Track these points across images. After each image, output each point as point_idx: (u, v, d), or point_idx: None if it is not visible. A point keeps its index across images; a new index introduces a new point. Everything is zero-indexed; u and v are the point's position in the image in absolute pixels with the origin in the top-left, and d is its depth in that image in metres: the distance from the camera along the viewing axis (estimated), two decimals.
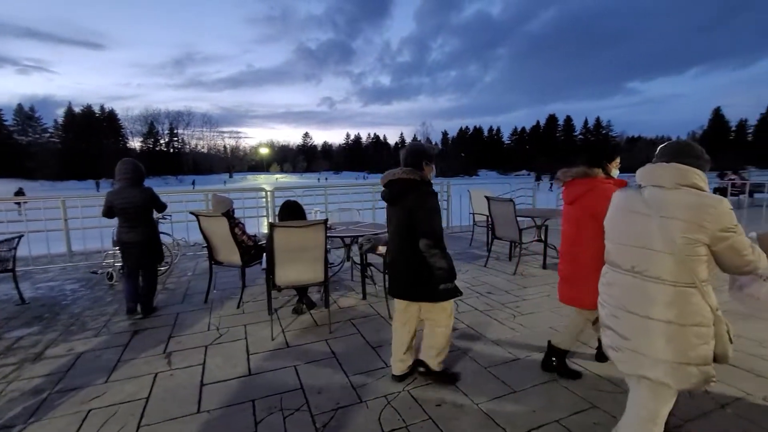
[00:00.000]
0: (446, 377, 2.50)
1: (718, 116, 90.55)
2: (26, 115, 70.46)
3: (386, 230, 3.61)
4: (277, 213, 3.80)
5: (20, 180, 53.86)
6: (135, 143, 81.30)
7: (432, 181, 2.43)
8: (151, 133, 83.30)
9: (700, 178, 1.48)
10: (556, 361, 2.57)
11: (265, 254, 3.36)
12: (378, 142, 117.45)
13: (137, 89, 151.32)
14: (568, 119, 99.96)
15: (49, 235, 5.95)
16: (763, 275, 1.75)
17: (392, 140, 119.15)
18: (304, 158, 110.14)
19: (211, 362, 2.78)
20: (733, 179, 11.79)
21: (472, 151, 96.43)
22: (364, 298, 4.02)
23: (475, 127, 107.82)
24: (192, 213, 3.97)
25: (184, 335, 3.23)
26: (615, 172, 2.45)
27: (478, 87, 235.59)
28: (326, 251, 3.27)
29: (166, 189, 10.51)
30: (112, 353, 2.93)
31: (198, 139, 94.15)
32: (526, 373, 2.59)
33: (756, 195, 11.24)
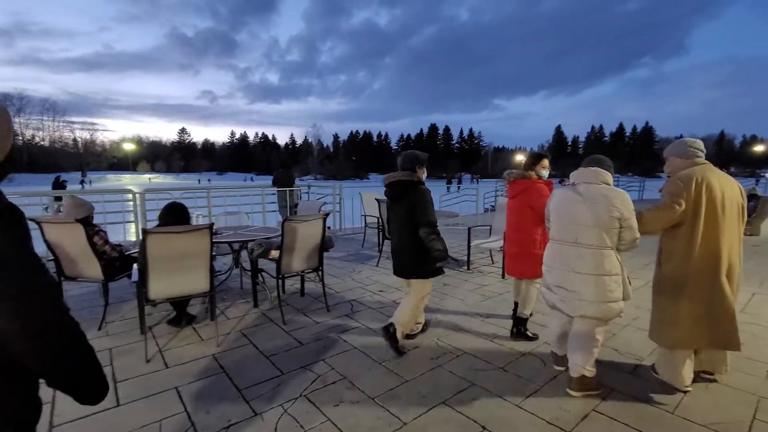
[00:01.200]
0: (395, 343, 2.88)
1: (559, 132, 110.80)
2: None
3: (279, 234, 3.50)
4: (157, 217, 3.34)
5: None
6: None
7: (424, 180, 2.95)
8: None
9: (610, 178, 2.35)
10: (522, 329, 3.19)
11: (135, 265, 2.95)
12: (267, 142, 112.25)
13: None
14: (447, 129, 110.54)
15: None
16: None
17: (282, 140, 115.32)
18: (180, 157, 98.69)
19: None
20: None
21: (362, 155, 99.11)
22: (256, 306, 3.82)
23: (365, 131, 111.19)
24: (33, 220, 3.24)
25: None
26: (544, 173, 3.11)
27: (368, 93, 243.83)
28: (212, 258, 3.02)
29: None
30: None
31: (36, 130, 76.92)
32: (415, 363, 2.78)
33: None
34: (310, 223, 3.46)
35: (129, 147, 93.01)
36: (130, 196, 6.58)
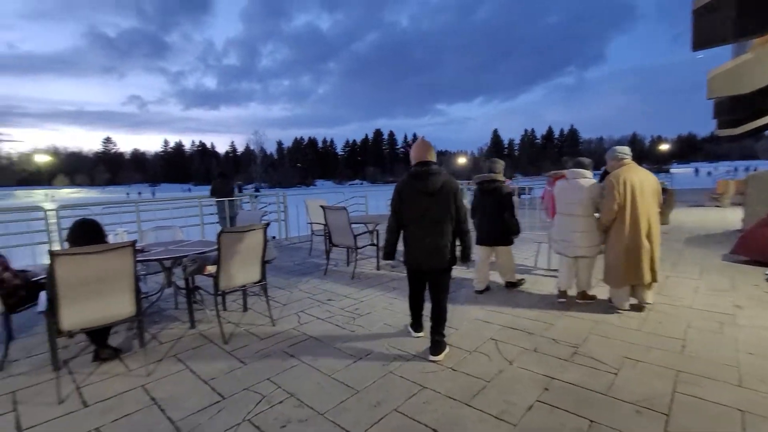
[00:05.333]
0: (518, 282, 4.60)
1: (496, 136, 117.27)
2: None
3: (215, 248, 3.26)
4: (66, 238, 2.96)
5: None
6: None
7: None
8: None
9: (590, 173, 3.88)
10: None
11: (43, 292, 2.59)
12: (205, 151, 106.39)
13: None
14: (392, 134, 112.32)
15: None
16: None
17: (222, 149, 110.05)
18: (106, 168, 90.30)
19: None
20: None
21: (307, 162, 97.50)
22: (193, 326, 3.54)
23: (310, 138, 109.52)
24: None
25: None
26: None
27: (312, 99, 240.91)
28: (137, 279, 2.74)
29: None
30: None
31: None
32: (366, 371, 2.72)
33: (522, 195, 14.93)
34: (248, 235, 3.28)
35: (42, 159, 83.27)
36: (40, 214, 5.84)
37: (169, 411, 2.30)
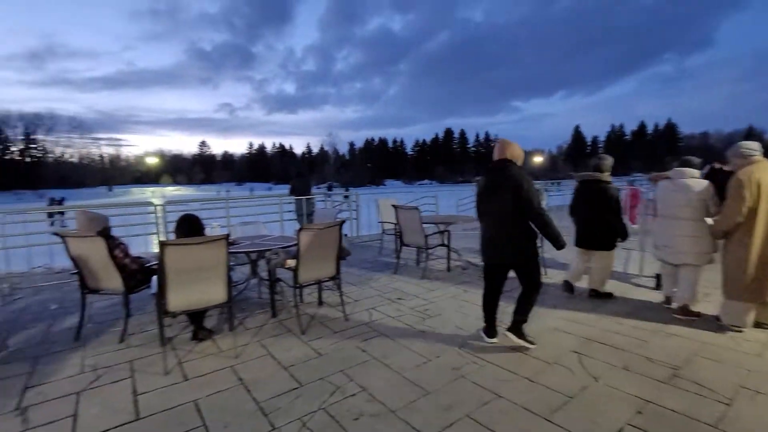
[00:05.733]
0: (605, 294, 4.17)
1: (578, 133, 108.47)
2: None
3: (295, 243, 3.47)
4: (173, 230, 3.39)
5: None
6: None
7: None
8: None
9: (698, 173, 3.57)
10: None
11: (155, 277, 2.97)
12: (284, 152, 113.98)
13: None
14: (462, 133, 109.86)
15: None
16: None
17: (299, 150, 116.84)
18: (201, 169, 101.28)
19: (86, 412, 2.32)
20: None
21: (378, 162, 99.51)
22: (274, 315, 3.80)
23: (380, 138, 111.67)
24: (57, 234, 3.32)
25: (47, 383, 2.66)
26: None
27: (383, 100, 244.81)
28: (229, 269, 3.02)
29: (19, 206, 8.54)
30: None
31: (66, 147, 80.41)
32: (437, 373, 2.69)
33: None
34: (325, 231, 3.43)
35: (152, 161, 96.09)
36: (152, 208, 6.73)
37: (254, 392, 2.50)
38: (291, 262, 3.46)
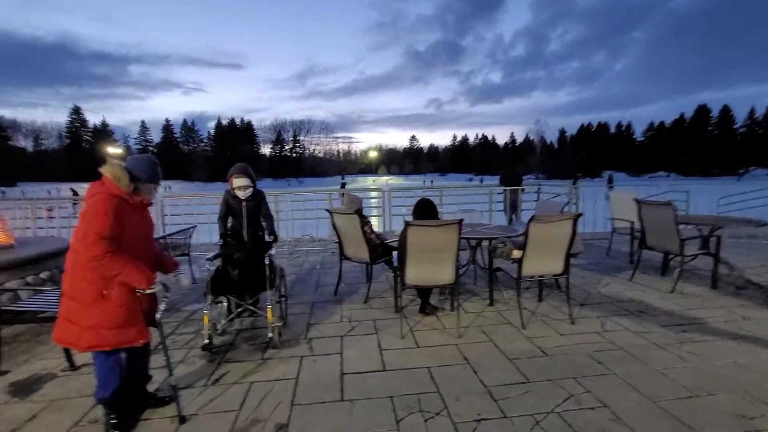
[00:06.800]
0: None
1: None
2: (188, 128, 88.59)
3: (520, 234, 3.34)
4: (410, 212, 3.83)
5: (181, 181, 66.92)
6: (266, 149, 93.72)
7: None
8: (278, 140, 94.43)
9: None
10: None
11: (395, 252, 3.41)
12: (486, 143, 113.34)
13: (268, 102, 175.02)
14: (726, 109, 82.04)
15: (210, 227, 7.08)
16: None
17: (501, 140, 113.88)
18: (409, 160, 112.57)
19: (348, 353, 2.90)
20: None
21: (594, 151, 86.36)
22: (491, 304, 3.81)
23: (599, 123, 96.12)
24: (327, 210, 4.26)
25: (321, 324, 3.47)
26: None
27: (605, 78, 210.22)
28: (458, 253, 3.17)
29: (289, 189, 11.71)
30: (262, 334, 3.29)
31: (316, 145, 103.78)
32: (714, 417, 2.09)
33: None
34: (558, 224, 3.16)
35: (373, 155, 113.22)
36: (378, 193, 7.85)
37: (481, 374, 2.56)
38: (517, 253, 3.35)
